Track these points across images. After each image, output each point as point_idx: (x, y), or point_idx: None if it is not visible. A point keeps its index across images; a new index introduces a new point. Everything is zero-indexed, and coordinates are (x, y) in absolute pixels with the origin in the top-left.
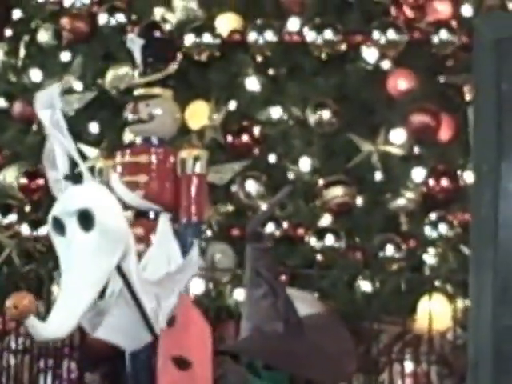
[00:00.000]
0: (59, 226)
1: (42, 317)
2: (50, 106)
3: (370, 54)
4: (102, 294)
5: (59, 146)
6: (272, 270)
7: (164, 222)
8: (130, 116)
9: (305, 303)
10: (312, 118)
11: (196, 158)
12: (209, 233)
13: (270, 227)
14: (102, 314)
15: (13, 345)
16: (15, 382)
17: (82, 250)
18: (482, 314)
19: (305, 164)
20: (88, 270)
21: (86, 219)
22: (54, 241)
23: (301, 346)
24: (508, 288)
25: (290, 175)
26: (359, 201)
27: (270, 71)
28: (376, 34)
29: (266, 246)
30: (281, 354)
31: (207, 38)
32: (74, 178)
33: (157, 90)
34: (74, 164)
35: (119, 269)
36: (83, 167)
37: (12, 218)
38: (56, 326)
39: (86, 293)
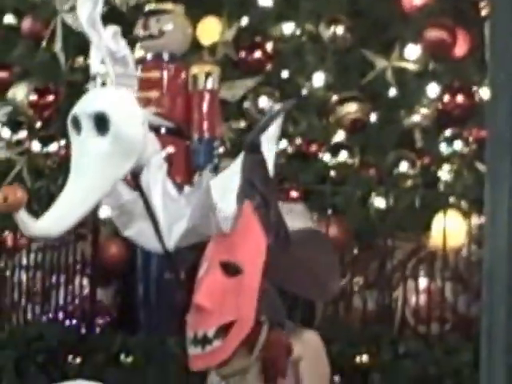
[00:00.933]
0: (76, 126)
1: None
2: (92, 3)
3: None
4: None
5: (93, 45)
6: (266, 182)
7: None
8: (140, 32)
9: (293, 215)
10: (325, 34)
11: (208, 74)
12: (221, 149)
13: (283, 143)
14: (131, 214)
15: (24, 261)
16: (27, 297)
17: (92, 153)
18: (496, 230)
19: (318, 80)
20: (94, 175)
21: (101, 123)
22: (71, 139)
23: (287, 260)
24: None
25: (303, 91)
26: (373, 117)
27: None
28: None
29: (261, 157)
30: (268, 267)
31: None
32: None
33: (168, 6)
34: None
35: (136, 179)
36: (111, 71)
37: (22, 134)
38: (48, 223)
39: (87, 197)
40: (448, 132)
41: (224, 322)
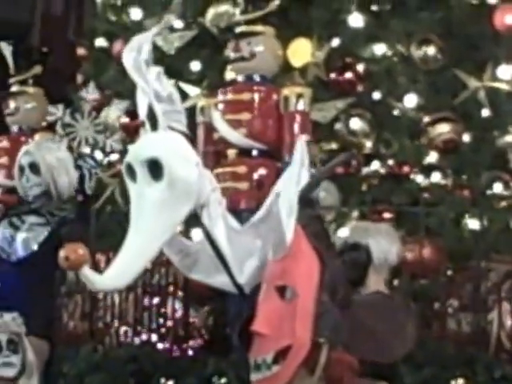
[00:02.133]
0: (132, 173)
1: None
2: (137, 51)
3: None
4: None
5: (140, 91)
6: (321, 237)
7: None
8: (231, 54)
9: (380, 234)
10: (417, 54)
11: (299, 96)
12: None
13: (375, 165)
14: (193, 257)
15: None
16: (120, 320)
17: (149, 201)
18: None
19: (410, 101)
20: (153, 222)
21: (155, 168)
22: (128, 187)
23: (346, 319)
24: None
25: (395, 112)
26: (466, 138)
27: (373, 7)
28: None
29: (316, 212)
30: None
31: None
32: (153, 123)
33: (258, 28)
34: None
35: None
36: (159, 114)
37: (114, 157)
38: (112, 277)
39: (149, 246)
40: None
41: (281, 346)
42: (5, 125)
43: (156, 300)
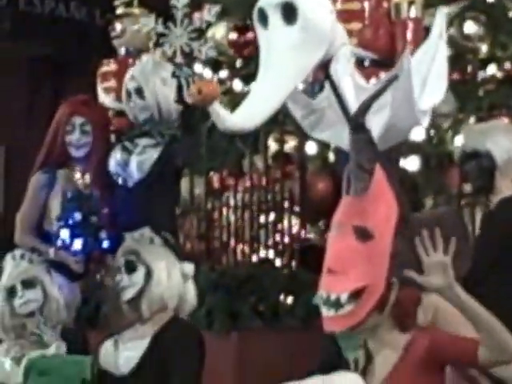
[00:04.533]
0: (263, 19)
1: None
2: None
3: None
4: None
5: None
6: (374, 161)
7: None
8: None
9: (499, 133)
10: None
11: (411, 2)
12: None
13: (492, 69)
14: (318, 114)
15: (232, 201)
16: (236, 238)
17: (281, 45)
18: None
19: None
20: (285, 66)
21: (289, 12)
22: (258, 35)
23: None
24: None
25: (511, 13)
26: None
27: None
28: None
29: (368, 136)
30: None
31: None
32: None
33: None
34: None
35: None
36: None
37: (223, 74)
38: (242, 118)
39: (279, 90)
40: None
41: (356, 287)
42: (112, 47)
43: (272, 217)
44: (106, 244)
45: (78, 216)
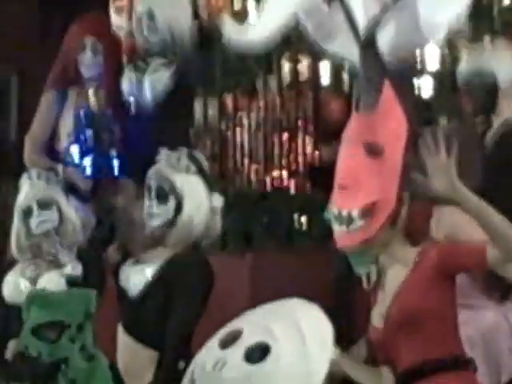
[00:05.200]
0: None
1: None
2: None
3: None
4: None
5: None
6: (384, 78)
7: None
8: None
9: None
10: None
11: None
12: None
13: None
14: (329, 26)
15: (245, 121)
16: (250, 158)
17: None
18: None
19: None
20: None
21: None
22: None
23: None
24: None
25: None
26: None
27: None
28: None
29: (377, 52)
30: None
31: None
32: None
33: None
34: None
35: None
36: None
37: None
38: (254, 29)
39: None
40: None
41: (367, 202)
42: None
43: (285, 136)
44: (115, 162)
45: (89, 132)
